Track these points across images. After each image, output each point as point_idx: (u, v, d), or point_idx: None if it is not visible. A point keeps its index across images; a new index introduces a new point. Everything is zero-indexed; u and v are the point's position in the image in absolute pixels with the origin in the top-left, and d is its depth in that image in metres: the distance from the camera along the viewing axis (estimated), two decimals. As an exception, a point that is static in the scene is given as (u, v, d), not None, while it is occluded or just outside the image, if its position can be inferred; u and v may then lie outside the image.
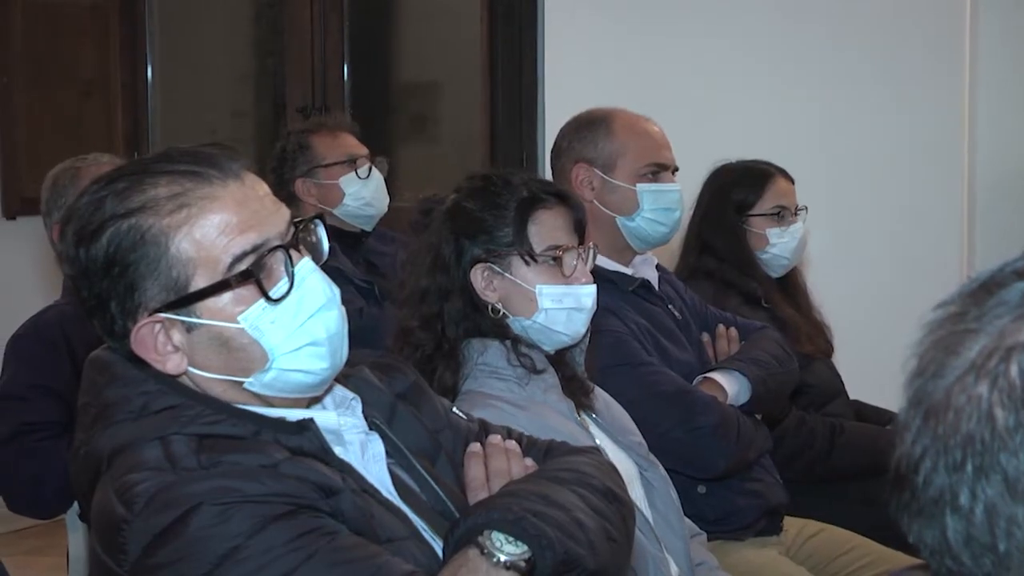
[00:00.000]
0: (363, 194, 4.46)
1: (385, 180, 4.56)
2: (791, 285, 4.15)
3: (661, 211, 3.52)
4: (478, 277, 2.76)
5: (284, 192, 4.28)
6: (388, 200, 4.56)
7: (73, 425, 3.59)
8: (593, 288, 2.80)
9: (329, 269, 2.07)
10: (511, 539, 1.92)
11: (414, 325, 2.79)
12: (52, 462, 3.61)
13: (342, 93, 6.50)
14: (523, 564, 1.91)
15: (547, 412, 2.70)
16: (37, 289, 5.55)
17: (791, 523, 3.60)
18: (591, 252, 2.83)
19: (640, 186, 3.51)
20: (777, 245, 4.01)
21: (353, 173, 4.46)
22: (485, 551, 1.92)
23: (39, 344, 3.74)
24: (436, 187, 3.00)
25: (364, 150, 4.54)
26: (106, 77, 6.37)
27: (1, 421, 3.69)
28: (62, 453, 3.60)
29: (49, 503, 3.73)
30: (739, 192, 4.04)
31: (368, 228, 4.52)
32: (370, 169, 4.49)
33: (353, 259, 4.38)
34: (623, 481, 2.20)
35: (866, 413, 4.22)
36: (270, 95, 7.19)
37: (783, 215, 4.02)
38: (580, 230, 2.81)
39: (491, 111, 6.09)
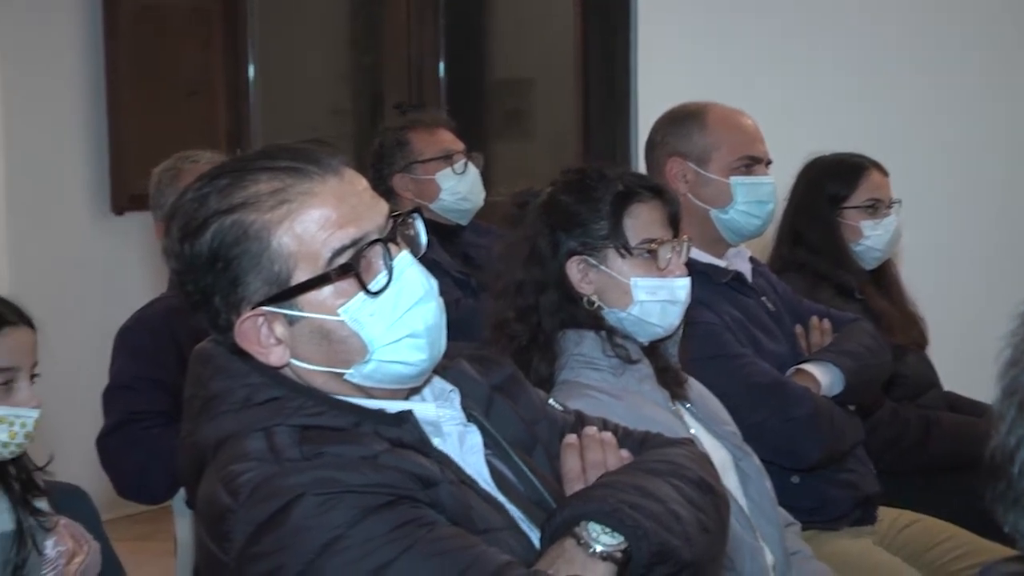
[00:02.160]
0: (459, 189, 4.45)
1: (480, 175, 4.55)
2: (884, 277, 4.11)
3: (755, 204, 3.49)
4: (573, 270, 2.75)
5: (382, 187, 4.29)
6: (484, 194, 4.55)
7: (179, 414, 3.64)
8: (687, 281, 2.78)
9: (426, 262, 2.06)
10: (607, 530, 1.91)
11: (510, 317, 2.78)
12: (159, 450, 3.63)
13: (438, 90, 6.50)
14: (619, 555, 1.90)
15: (642, 402, 2.68)
16: (144, 282, 5.59)
17: (885, 513, 3.56)
18: (685, 245, 2.81)
19: (734, 179, 3.48)
20: (871, 237, 3.97)
21: (449, 168, 4.46)
22: (581, 542, 1.91)
23: (146, 336, 3.77)
24: (529, 181, 2.98)
25: (460, 146, 4.53)
26: (209, 77, 6.42)
27: (110, 410, 3.74)
28: (168, 441, 3.62)
29: (156, 490, 3.76)
30: (833, 185, 4.00)
31: (464, 222, 4.52)
32: (466, 164, 4.49)
33: (450, 252, 4.38)
34: (717, 472, 2.18)
35: (960, 405, 4.15)
36: (368, 92, 7.22)
37: (877, 208, 3.98)
38: (675, 223, 2.79)
39: (584, 106, 6.07)
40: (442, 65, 6.54)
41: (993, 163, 5.23)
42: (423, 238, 2.07)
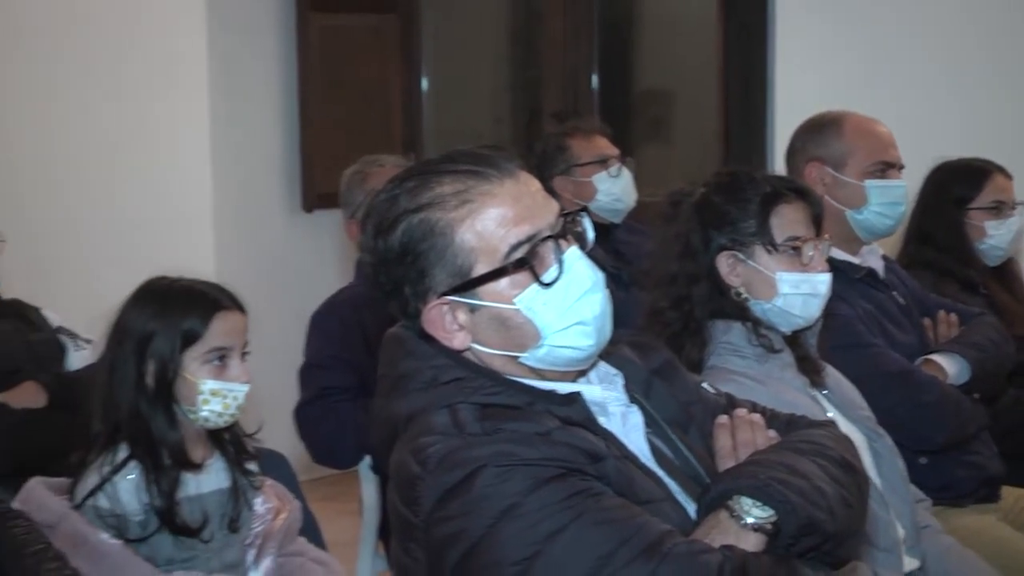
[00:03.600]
0: (613, 190, 4.44)
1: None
2: (1007, 273, 4.02)
3: (888, 205, 3.46)
4: (723, 264, 2.73)
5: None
6: (635, 195, 4.53)
7: (364, 390, 3.69)
8: (828, 276, 2.75)
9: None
10: (758, 504, 1.89)
11: (664, 306, 2.78)
12: (347, 421, 3.69)
13: (591, 100, 6.48)
14: (769, 527, 1.88)
15: (783, 388, 2.66)
16: (332, 272, 5.67)
17: (1009, 492, 3.49)
18: (826, 243, 2.78)
19: (868, 182, 3.45)
20: (994, 236, 3.88)
21: (605, 172, 4.44)
22: (734, 514, 1.89)
23: (336, 320, 3.82)
24: (669, 185, 2.97)
25: (615, 151, 4.52)
26: (387, 89, 6.46)
27: (307, 385, 3.80)
28: (355, 414, 3.68)
29: (345, 456, 3.81)
30: (959, 187, 3.91)
31: (617, 221, 4.50)
32: (620, 168, 4.47)
33: (604, 249, 4.36)
34: (857, 452, 2.14)
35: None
36: (526, 103, 7.22)
37: (1000, 209, 3.89)
38: (817, 223, 2.76)
39: (724, 115, 6.02)
40: (595, 77, 6.51)
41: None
42: (590, 234, 2.07)
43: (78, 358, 3.77)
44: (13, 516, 2.50)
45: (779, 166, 3.65)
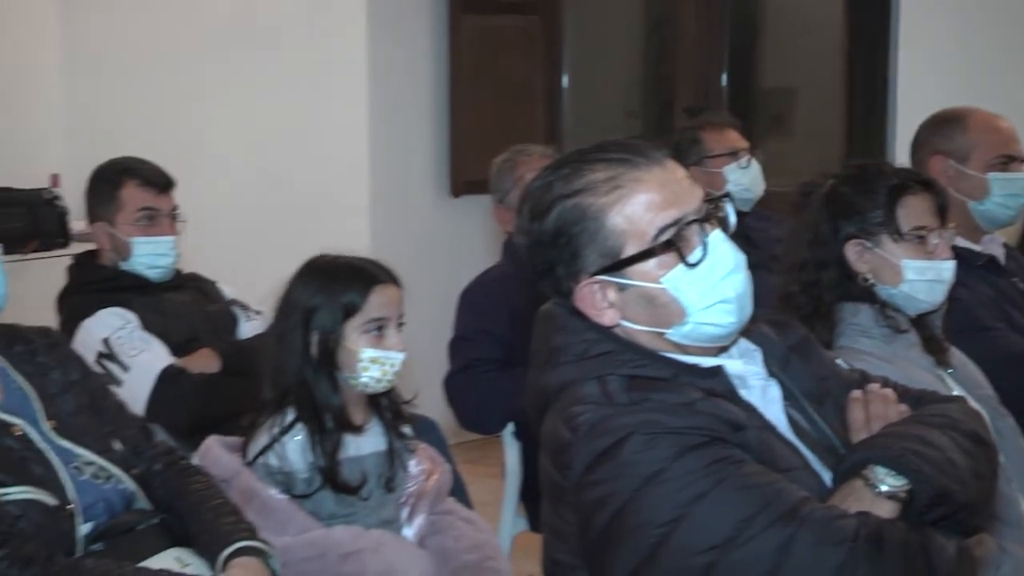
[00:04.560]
0: (743, 180, 4.38)
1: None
2: None
3: (1009, 196, 3.39)
4: (851, 251, 2.69)
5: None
6: (763, 186, 4.47)
7: (509, 362, 3.69)
8: (953, 263, 2.69)
9: None
10: (892, 473, 1.85)
11: (795, 290, 2.74)
12: (493, 391, 3.70)
13: (720, 96, 6.40)
14: (902, 495, 1.85)
15: (910, 366, 2.61)
16: (478, 253, 5.67)
17: None
18: (951, 232, 2.73)
19: (991, 175, 3.38)
20: None
21: (735, 163, 4.39)
22: (869, 483, 1.86)
23: (484, 297, 3.83)
24: (790, 177, 2.92)
25: (745, 144, 4.46)
26: (530, 84, 6.45)
27: (456, 356, 3.81)
28: (501, 384, 3.69)
29: (490, 423, 3.82)
30: None
31: (746, 209, 4.44)
32: (749, 160, 4.42)
33: (734, 234, 4.31)
34: (987, 426, 2.09)
35: None
36: (658, 99, 7.17)
37: None
38: (942, 213, 2.71)
39: (848, 111, 5.91)
40: (725, 75, 6.44)
41: None
42: (732, 218, 2.06)
43: (249, 328, 3.81)
44: (194, 472, 2.54)
45: (899, 161, 3.57)
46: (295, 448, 2.74)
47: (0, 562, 2.11)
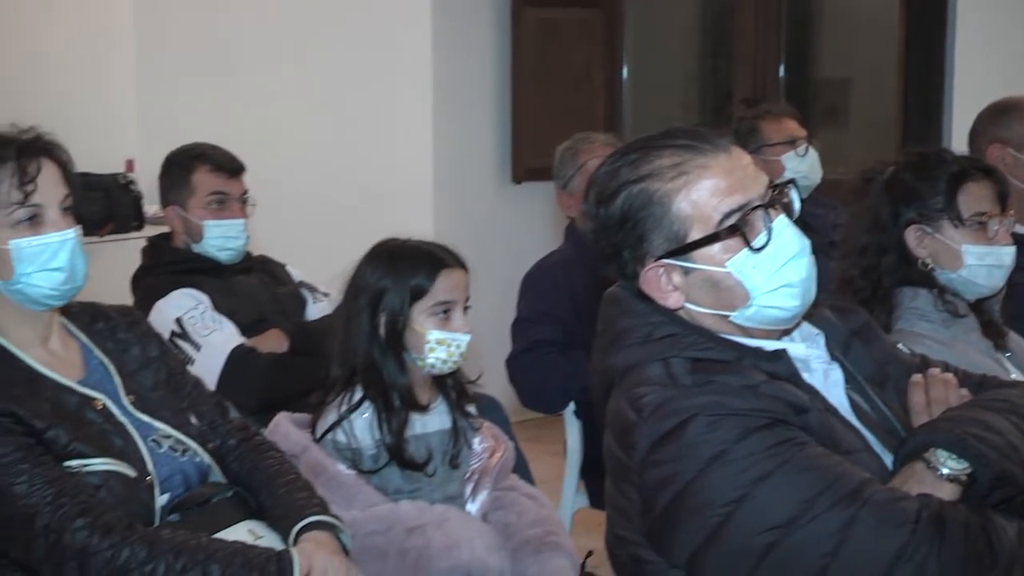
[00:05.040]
0: (800, 168, 4.33)
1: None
2: None
3: None
4: (911, 236, 2.66)
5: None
6: (821, 173, 4.42)
7: (570, 344, 3.68)
8: (1013, 249, 2.66)
9: None
10: (953, 456, 1.82)
11: (854, 274, 2.72)
12: (554, 371, 3.68)
13: (777, 88, 6.34)
14: (963, 478, 1.81)
15: (968, 350, 2.58)
16: (539, 238, 5.65)
17: None
18: (1011, 219, 2.69)
19: None
20: None
21: (793, 152, 4.35)
22: (930, 465, 1.83)
23: (545, 280, 3.81)
24: (845, 167, 2.89)
25: (803, 133, 4.42)
26: (590, 76, 6.42)
27: (518, 338, 3.80)
28: (562, 365, 3.67)
29: (552, 403, 3.81)
30: None
31: (804, 196, 4.38)
32: (807, 148, 4.37)
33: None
34: None
35: None
36: (715, 90, 7.13)
37: None
38: (1003, 200, 2.67)
39: (903, 102, 5.83)
40: (782, 67, 6.38)
41: None
42: (797, 204, 2.03)
43: (316, 309, 3.82)
44: (268, 448, 2.54)
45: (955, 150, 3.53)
46: (363, 425, 2.74)
47: (81, 531, 2.12)
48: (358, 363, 2.75)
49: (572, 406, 3.77)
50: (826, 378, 1.99)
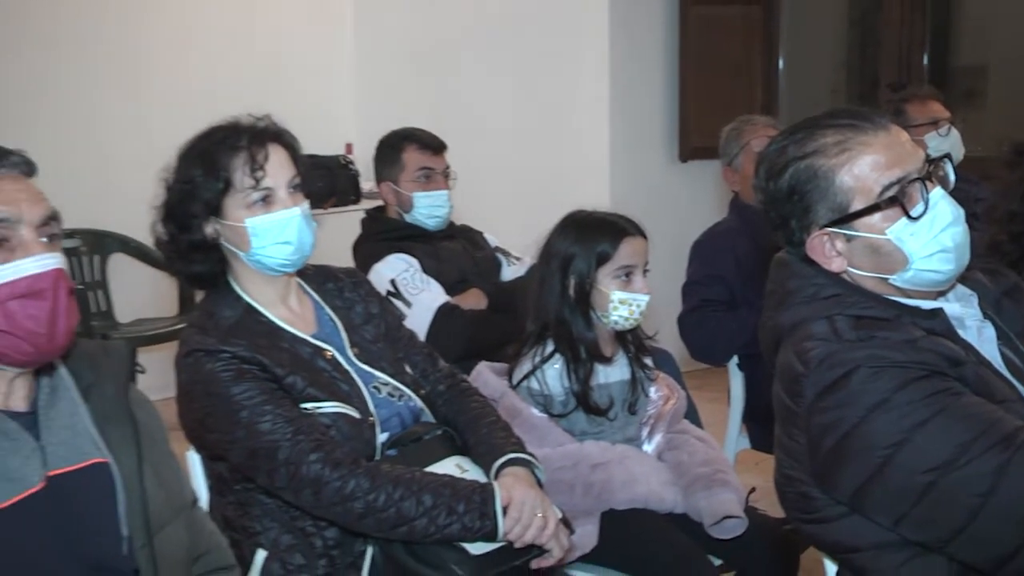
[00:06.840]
0: (943, 147, 4.14)
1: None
2: None
3: None
4: None
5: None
6: (963, 151, 4.24)
7: (734, 303, 3.62)
8: None
9: None
10: None
11: (1003, 239, 2.58)
12: (720, 328, 3.63)
13: (922, 74, 6.11)
14: None
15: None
16: (704, 210, 5.56)
17: None
18: None
19: None
20: None
21: (935, 131, 4.18)
22: None
23: (712, 247, 3.76)
24: (982, 147, 2.75)
25: (946, 114, 4.24)
26: (750, 65, 6.30)
27: (688, 298, 3.75)
28: (728, 323, 3.62)
29: (718, 356, 3.76)
30: None
31: (951, 173, 4.22)
32: (949, 128, 4.20)
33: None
34: None
35: None
36: (862, 76, 6.92)
37: None
38: None
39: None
40: (926, 55, 6.14)
41: None
42: (951, 177, 1.95)
43: (510, 272, 3.83)
44: (472, 393, 2.55)
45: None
46: (554, 375, 2.74)
47: (315, 463, 2.16)
48: (550, 320, 2.76)
49: (735, 359, 3.72)
50: (980, 334, 1.91)
